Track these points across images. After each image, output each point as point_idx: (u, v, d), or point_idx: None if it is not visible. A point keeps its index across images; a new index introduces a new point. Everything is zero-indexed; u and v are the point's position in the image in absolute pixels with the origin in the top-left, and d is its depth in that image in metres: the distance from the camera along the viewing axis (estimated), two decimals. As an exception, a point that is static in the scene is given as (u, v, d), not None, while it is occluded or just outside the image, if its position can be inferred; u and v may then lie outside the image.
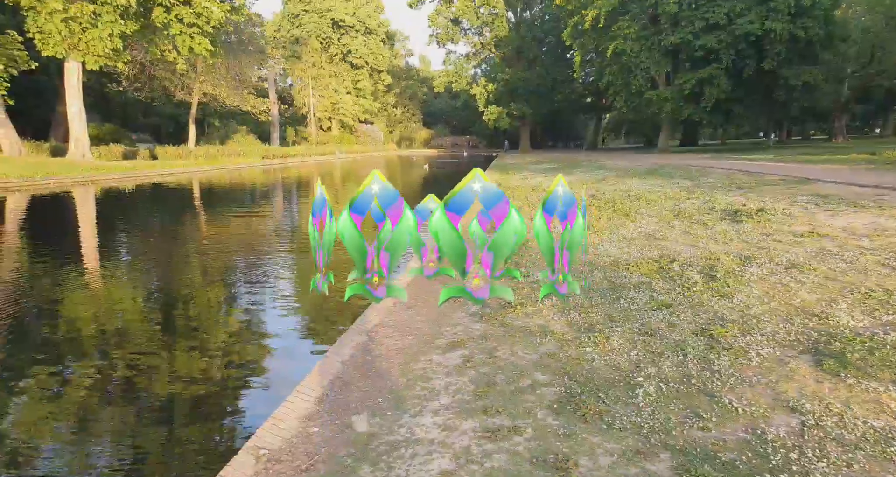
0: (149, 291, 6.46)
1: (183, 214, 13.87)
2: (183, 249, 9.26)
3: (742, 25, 24.83)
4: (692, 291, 4.35)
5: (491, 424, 2.74)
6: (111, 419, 3.45)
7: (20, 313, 5.48)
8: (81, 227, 11.32)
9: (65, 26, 22.64)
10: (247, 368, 4.27)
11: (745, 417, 2.58)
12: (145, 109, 39.25)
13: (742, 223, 6.61)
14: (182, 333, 5.01)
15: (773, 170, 12.39)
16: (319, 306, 5.86)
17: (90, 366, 4.20)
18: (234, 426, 3.43)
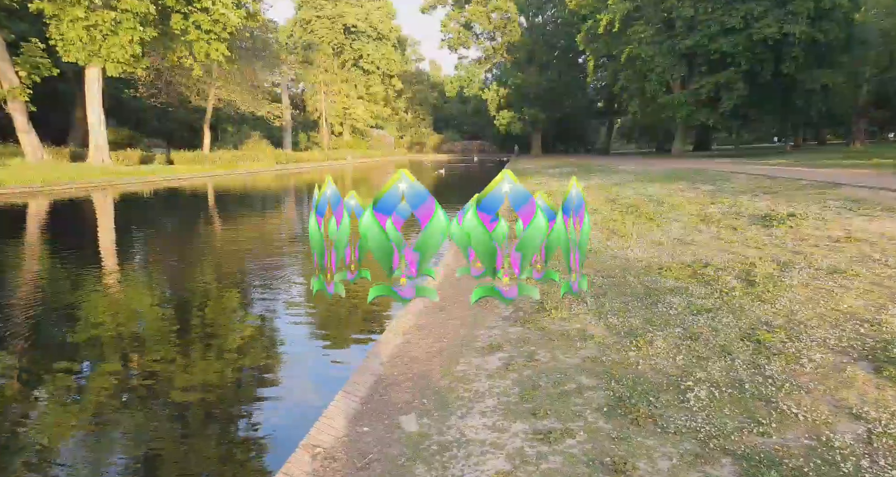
0: (180, 292, 6.51)
1: (207, 218, 14.01)
2: (211, 251, 9.33)
3: (760, 29, 24.63)
4: (731, 295, 4.30)
5: (541, 427, 2.73)
6: (154, 419, 3.47)
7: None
8: (108, 231, 11.46)
9: (86, 33, 23.02)
10: (281, 368, 4.28)
11: (807, 423, 2.53)
12: (160, 115, 39.67)
13: (773, 228, 6.53)
14: (213, 334, 5.03)
15: (797, 174, 12.25)
16: (347, 307, 5.87)
17: (123, 367, 4.23)
18: (280, 424, 3.43)
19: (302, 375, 4.20)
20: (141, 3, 23.34)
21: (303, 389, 3.92)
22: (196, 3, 25.90)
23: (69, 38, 23.04)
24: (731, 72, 26.21)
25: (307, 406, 3.63)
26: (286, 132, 49.94)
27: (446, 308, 4.79)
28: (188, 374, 4.09)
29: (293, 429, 3.29)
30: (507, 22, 47.32)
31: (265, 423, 3.43)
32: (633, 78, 31.55)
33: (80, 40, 23.12)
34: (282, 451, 3.04)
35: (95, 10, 22.91)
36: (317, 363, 4.43)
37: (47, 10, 22.41)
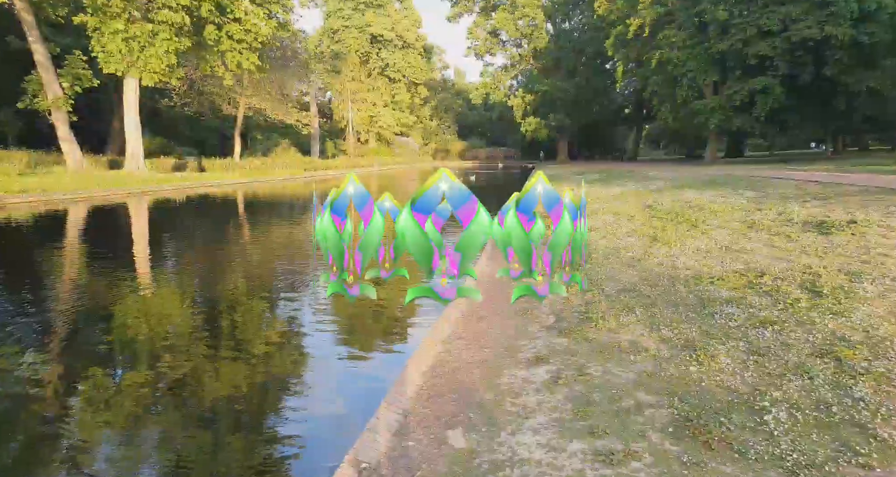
0: (215, 298, 6.47)
1: (240, 224, 14.15)
2: (245, 256, 9.34)
3: (799, 31, 23.81)
4: (797, 307, 3.98)
5: (601, 447, 2.49)
6: (191, 430, 3.35)
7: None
8: (146, 236, 11.64)
9: (125, 45, 23.77)
10: (316, 377, 4.13)
11: (913, 453, 2.23)
12: (192, 123, 40.69)
13: (833, 235, 6.12)
14: (243, 342, 4.93)
15: (847, 180, 11.64)
16: (376, 313, 5.72)
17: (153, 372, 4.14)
18: (321, 436, 3.27)
19: (339, 384, 4.05)
20: (176, 14, 24.02)
21: (342, 400, 3.77)
22: (229, 14, 26.55)
23: (109, 50, 23.83)
24: (768, 77, 25.39)
25: (347, 418, 3.48)
26: (314, 140, 50.64)
27: (486, 317, 4.59)
28: (221, 383, 3.97)
29: (335, 441, 3.13)
30: (533, 29, 47.19)
31: (305, 435, 3.27)
32: (663, 83, 30.92)
33: (119, 52, 23.89)
34: (324, 464, 2.87)
35: (134, 23, 23.67)
36: (353, 373, 4.27)
37: (90, 23, 23.26)
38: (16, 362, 4.24)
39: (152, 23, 24.10)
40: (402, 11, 62.47)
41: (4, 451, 3.06)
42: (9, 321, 5.33)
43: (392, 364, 4.23)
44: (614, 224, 8.70)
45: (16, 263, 8.34)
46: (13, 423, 3.38)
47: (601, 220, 9.21)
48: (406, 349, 4.55)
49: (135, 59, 24.31)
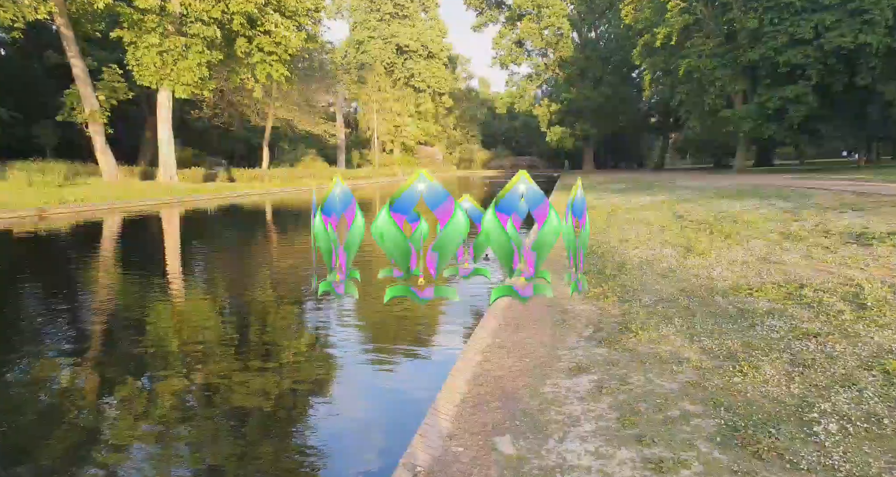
0: (248, 307, 6.69)
1: (271, 232, 14.50)
2: (277, 264, 9.60)
3: (832, 39, 23.37)
4: (840, 319, 3.96)
5: (650, 455, 2.54)
6: (241, 436, 3.51)
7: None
8: (180, 244, 12.03)
9: (159, 58, 24.63)
10: (356, 383, 4.26)
11: (969, 466, 2.24)
12: (221, 134, 41.79)
13: (874, 247, 6.03)
14: (273, 349, 5.10)
15: (884, 190, 11.38)
16: (412, 320, 5.84)
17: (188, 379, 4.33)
18: (371, 440, 3.39)
19: (383, 392, 4.16)
20: (209, 28, 24.78)
21: (387, 407, 3.87)
22: (259, 27, 27.30)
23: (144, 63, 24.72)
24: (800, 85, 24.94)
25: (394, 425, 3.58)
26: (340, 150, 51.48)
27: (523, 326, 4.67)
28: (262, 389, 4.13)
29: (384, 447, 3.25)
30: (559, 38, 47.26)
31: (355, 440, 3.39)
32: (691, 92, 30.61)
33: (154, 65, 24.74)
34: (377, 468, 2.99)
35: (168, 37, 24.52)
36: (396, 381, 4.38)
37: (126, 37, 24.16)
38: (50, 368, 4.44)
39: (185, 36, 24.93)
40: (428, 22, 63.29)
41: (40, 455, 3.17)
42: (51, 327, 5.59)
43: (434, 373, 4.33)
44: (647, 234, 8.68)
45: (60, 270, 8.73)
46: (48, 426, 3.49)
47: (633, 230, 9.19)
48: (445, 358, 4.65)
49: (168, 71, 25.16)
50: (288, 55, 29.27)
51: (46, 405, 3.82)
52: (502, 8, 51.33)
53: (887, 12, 22.35)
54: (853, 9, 23.25)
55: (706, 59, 28.07)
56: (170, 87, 25.83)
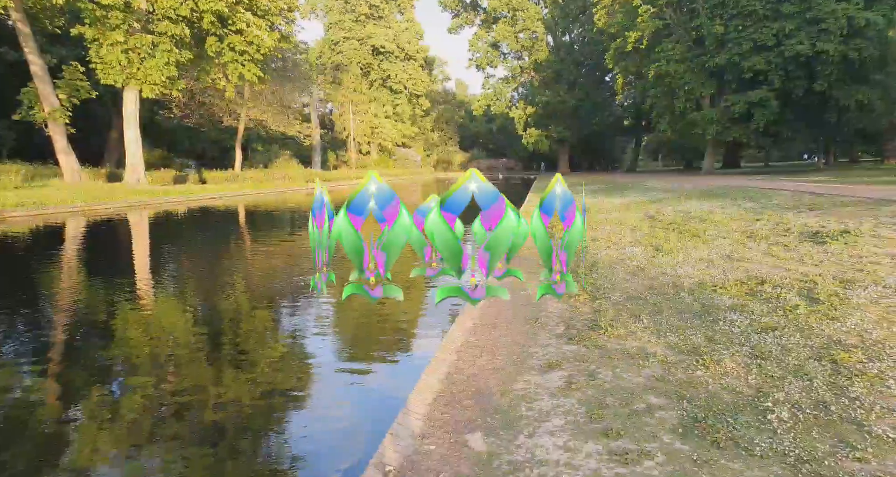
0: (220, 312, 6.61)
1: (243, 236, 14.30)
2: (251, 268, 9.49)
3: (791, 46, 24.32)
4: (796, 313, 4.16)
5: (616, 448, 2.64)
6: (211, 439, 3.49)
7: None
8: (148, 249, 11.77)
9: (125, 57, 23.87)
10: (334, 386, 4.28)
11: (906, 448, 2.40)
12: (191, 135, 40.91)
13: (827, 245, 6.32)
14: (251, 354, 5.07)
15: (840, 191, 11.90)
16: (386, 322, 5.87)
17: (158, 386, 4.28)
18: (342, 442, 3.41)
19: (357, 393, 4.18)
20: (177, 26, 24.20)
21: (361, 408, 3.90)
22: (231, 26, 26.84)
23: (108, 61, 23.88)
24: (763, 90, 25.86)
25: (367, 425, 3.61)
26: (315, 151, 51.00)
27: (497, 325, 4.75)
28: (238, 393, 4.11)
29: (357, 447, 3.27)
30: (534, 41, 47.83)
31: (327, 441, 3.41)
32: (661, 95, 31.37)
33: (119, 63, 23.94)
34: (349, 469, 3.02)
35: (134, 34, 23.81)
36: (370, 381, 4.40)
37: (88, 34, 23.24)
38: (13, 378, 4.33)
39: (152, 34, 24.27)
40: (404, 23, 63.25)
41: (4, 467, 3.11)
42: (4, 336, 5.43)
43: (408, 372, 4.37)
44: (618, 234, 8.89)
45: (14, 277, 8.40)
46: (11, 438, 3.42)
47: (605, 230, 9.41)
48: (419, 357, 4.70)
49: (135, 70, 24.41)
50: (261, 55, 28.86)
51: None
52: (478, 10, 51.72)
53: (842, 21, 23.37)
54: (810, 18, 24.24)
55: (675, 63, 28.82)
56: (137, 86, 25.13)
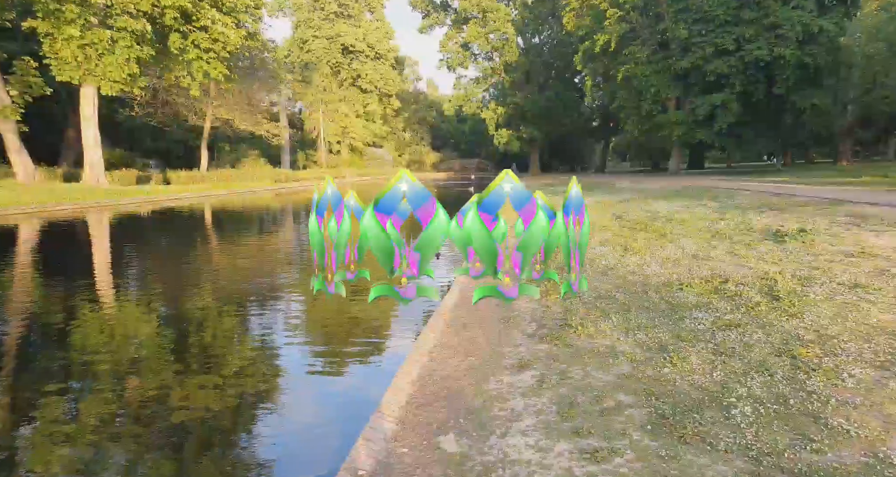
0: (186, 317, 6.44)
1: (209, 238, 13.94)
2: (217, 272, 9.26)
3: (751, 51, 25.23)
4: (757, 310, 4.30)
5: (586, 446, 2.67)
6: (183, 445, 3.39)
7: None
8: (109, 253, 11.36)
9: (81, 52, 22.89)
10: (307, 390, 4.21)
11: (861, 440, 2.50)
12: (154, 134, 39.67)
13: (787, 243, 6.57)
14: (224, 358, 4.96)
15: (798, 191, 12.40)
16: (361, 323, 5.82)
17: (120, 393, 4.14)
18: (316, 447, 3.36)
19: (330, 396, 4.13)
20: (137, 21, 23.37)
21: (333, 411, 3.85)
22: (195, 23, 26.13)
23: (63, 56, 22.88)
24: (726, 93, 26.75)
25: (340, 428, 3.56)
26: (284, 151, 50.17)
27: (469, 326, 4.75)
28: (205, 398, 4.00)
29: (330, 452, 3.22)
30: (504, 42, 48.11)
31: (300, 447, 3.35)
32: (629, 97, 32.07)
33: (75, 59, 22.96)
34: (323, 474, 2.97)
35: (91, 29, 22.87)
36: (343, 384, 4.35)
37: (40, 28, 22.21)
38: None
39: (111, 29, 23.37)
40: (374, 22, 62.78)
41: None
42: None
43: (381, 374, 4.34)
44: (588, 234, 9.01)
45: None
46: None
47: (574, 230, 9.52)
48: (392, 360, 4.67)
49: (92, 66, 23.47)
50: (227, 53, 28.21)
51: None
52: (448, 11, 51.73)
53: (797, 28, 24.40)
54: (768, 24, 25.22)
55: (642, 66, 29.51)
56: (95, 83, 24.17)
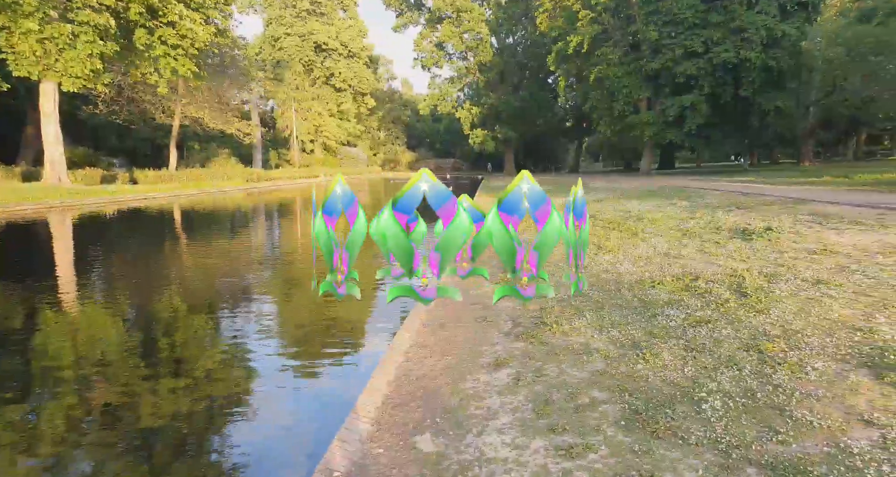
0: (160, 320, 6.26)
1: (179, 239, 13.59)
2: (192, 274, 9.03)
3: (719, 54, 25.94)
4: (726, 307, 4.41)
5: (562, 443, 2.70)
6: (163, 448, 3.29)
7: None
8: (72, 255, 10.96)
9: (40, 47, 21.98)
10: (283, 391, 4.13)
11: (823, 430, 2.59)
12: (119, 132, 38.41)
13: (754, 241, 6.77)
14: (197, 361, 4.84)
15: (764, 191, 12.80)
16: (331, 324, 5.76)
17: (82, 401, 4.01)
18: (290, 449, 3.30)
19: (306, 398, 4.06)
20: (100, 15, 22.56)
21: (309, 413, 3.80)
22: (162, 18, 25.39)
23: (21, 51, 21.90)
24: (695, 94, 27.43)
25: (316, 430, 3.51)
26: (256, 150, 49.28)
27: (445, 325, 4.75)
28: (177, 400, 3.90)
29: (304, 453, 3.18)
30: (478, 42, 48.31)
31: (275, 448, 3.29)
32: (601, 98, 32.57)
33: (34, 54, 22.01)
34: (297, 475, 2.92)
35: (51, 23, 21.99)
36: (319, 385, 4.29)
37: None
38: None
39: (72, 23, 22.50)
40: (347, 20, 62.18)
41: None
42: None
43: (357, 375, 4.30)
44: (561, 233, 9.12)
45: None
46: None
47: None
48: (368, 360, 4.63)
49: (52, 62, 22.54)
50: (195, 49, 27.50)
51: None
52: (422, 10, 51.66)
53: (762, 32, 25.20)
54: (734, 27, 25.97)
55: (614, 67, 30.02)
56: (55, 79, 23.23)
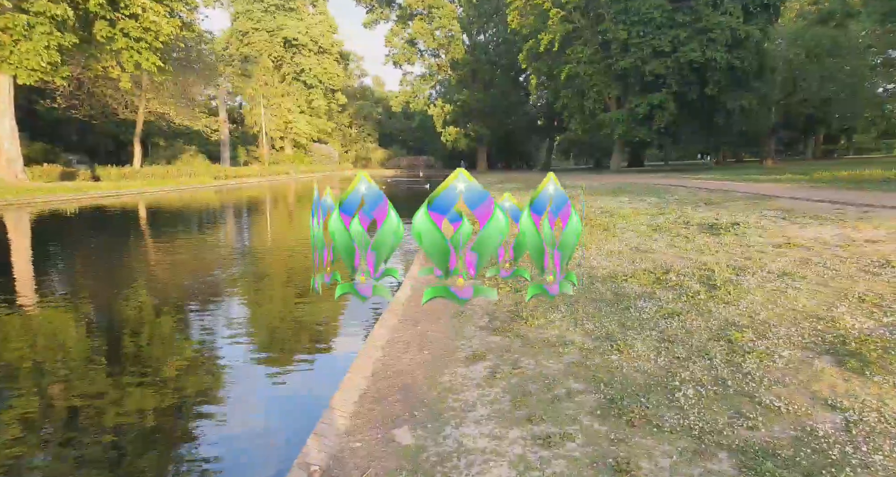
0: (124, 322, 6.05)
1: (145, 238, 13.17)
2: (159, 272, 8.75)
3: (685, 53, 26.57)
4: (696, 299, 4.52)
5: (539, 432, 2.72)
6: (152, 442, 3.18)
7: None
8: (31, 255, 10.51)
9: (-7, 38, 21.10)
10: (256, 388, 4.05)
11: (790, 415, 2.68)
12: (80, 128, 36.98)
13: (721, 236, 6.96)
14: (175, 359, 4.70)
15: (730, 187, 13.19)
16: (307, 321, 5.68)
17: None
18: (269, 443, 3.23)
19: (283, 394, 4.00)
20: (57, 6, 21.70)
21: (286, 409, 3.74)
22: (124, 10, 24.57)
23: (-27, 42, 21.02)
24: (663, 93, 28.03)
25: (293, 425, 3.46)
26: (224, 146, 48.16)
27: (422, 321, 4.73)
28: (150, 397, 3.78)
29: (282, 449, 3.13)
30: (450, 39, 48.31)
31: (253, 444, 3.23)
32: (573, 96, 32.97)
33: (-13, 45, 21.15)
34: (275, 471, 2.87)
35: (4, 13, 21.04)
36: (296, 381, 4.23)
37: (-55, 9, 20.31)
38: None
39: (27, 14, 21.56)
40: (317, 16, 61.29)
41: None
42: None
43: (334, 371, 4.24)
44: (534, 229, 9.20)
45: None
46: None
47: (522, 225, 9.70)
48: (345, 356, 4.58)
49: (7, 54, 21.63)
50: (160, 43, 26.69)
51: None
52: (393, 6, 51.34)
53: (727, 32, 25.92)
54: (700, 27, 26.64)
55: (585, 65, 30.41)
56: (10, 72, 22.26)
